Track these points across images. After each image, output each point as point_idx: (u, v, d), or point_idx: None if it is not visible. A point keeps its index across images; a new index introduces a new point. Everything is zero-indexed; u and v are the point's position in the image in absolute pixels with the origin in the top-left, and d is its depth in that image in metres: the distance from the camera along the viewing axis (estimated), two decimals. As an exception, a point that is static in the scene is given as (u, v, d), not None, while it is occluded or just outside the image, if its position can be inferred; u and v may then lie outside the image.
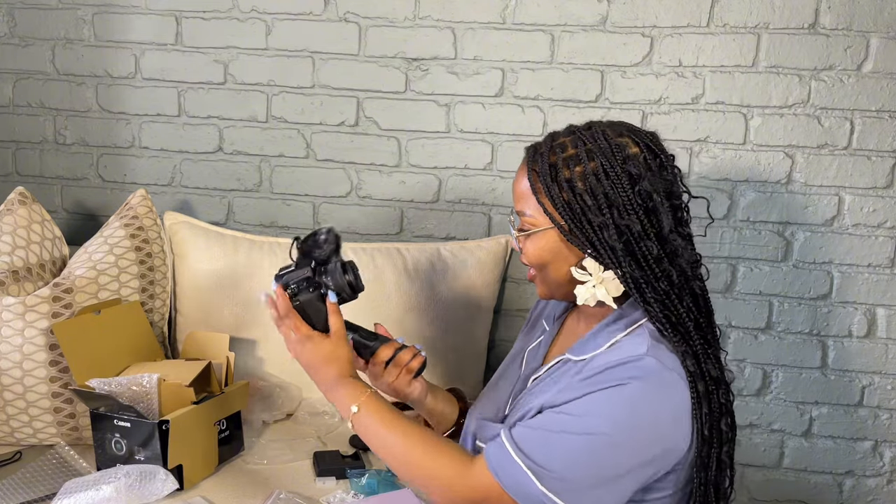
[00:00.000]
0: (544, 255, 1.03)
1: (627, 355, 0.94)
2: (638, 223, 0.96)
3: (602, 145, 0.98)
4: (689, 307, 0.98)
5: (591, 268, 1.00)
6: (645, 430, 0.92)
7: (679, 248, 0.97)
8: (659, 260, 0.96)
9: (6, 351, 1.38)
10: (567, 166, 0.98)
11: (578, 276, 1.01)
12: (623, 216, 0.96)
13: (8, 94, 1.83)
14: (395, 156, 1.76)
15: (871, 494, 1.75)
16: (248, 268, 1.65)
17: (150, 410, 1.30)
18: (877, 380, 1.71)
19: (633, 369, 0.92)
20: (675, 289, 0.97)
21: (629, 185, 0.96)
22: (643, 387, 0.92)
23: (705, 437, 0.94)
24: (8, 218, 1.50)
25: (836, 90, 1.61)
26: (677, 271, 0.97)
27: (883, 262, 1.66)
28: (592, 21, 1.65)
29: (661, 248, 0.97)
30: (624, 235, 0.96)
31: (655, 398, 0.92)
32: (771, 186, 1.66)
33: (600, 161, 0.97)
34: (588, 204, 0.96)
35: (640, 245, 0.96)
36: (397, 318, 1.62)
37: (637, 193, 0.96)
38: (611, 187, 0.96)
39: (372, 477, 1.34)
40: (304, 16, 1.72)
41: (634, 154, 0.98)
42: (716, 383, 0.96)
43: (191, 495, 1.30)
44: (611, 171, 0.96)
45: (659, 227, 0.97)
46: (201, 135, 1.81)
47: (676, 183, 1.01)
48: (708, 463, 0.95)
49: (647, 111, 1.67)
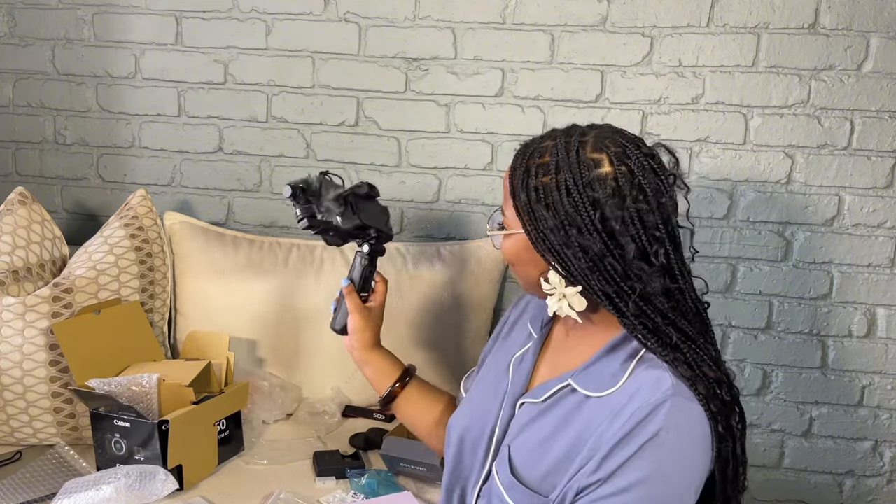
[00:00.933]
0: (514, 257, 1.01)
1: (655, 400, 0.88)
2: (599, 243, 0.90)
3: (572, 159, 0.92)
4: (668, 314, 0.93)
5: (554, 282, 0.96)
6: (693, 469, 0.90)
7: (643, 276, 0.91)
8: (625, 278, 0.92)
9: (6, 351, 1.38)
10: (536, 174, 0.94)
11: (545, 287, 0.98)
12: (584, 236, 0.91)
13: (8, 94, 1.83)
14: (395, 156, 1.76)
15: (871, 494, 1.75)
16: (248, 268, 1.65)
17: (149, 410, 1.30)
18: (877, 380, 1.71)
19: (665, 417, 0.87)
20: (647, 303, 0.92)
21: (591, 206, 0.91)
22: (679, 433, 0.88)
23: (721, 434, 0.91)
24: (8, 218, 1.50)
25: (836, 90, 1.61)
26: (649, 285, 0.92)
27: (883, 262, 1.66)
28: (592, 21, 1.65)
29: (626, 269, 0.91)
30: (588, 253, 0.91)
31: (691, 438, 0.90)
32: (771, 186, 1.66)
33: (565, 176, 0.92)
34: (548, 219, 0.92)
35: (603, 263, 0.91)
36: (397, 319, 1.62)
37: (599, 217, 0.90)
38: (571, 205, 0.91)
39: (372, 477, 1.34)
40: (304, 16, 1.72)
41: (604, 175, 0.91)
42: (717, 383, 0.93)
43: (191, 495, 1.30)
44: (573, 189, 0.91)
45: (620, 251, 0.91)
46: (201, 135, 1.81)
47: (656, 211, 0.91)
48: (726, 458, 0.93)
49: (647, 111, 1.67)
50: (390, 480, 1.36)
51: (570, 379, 0.97)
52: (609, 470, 0.88)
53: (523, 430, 0.99)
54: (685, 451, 0.89)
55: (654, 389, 0.89)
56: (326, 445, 1.50)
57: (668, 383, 0.89)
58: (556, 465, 0.93)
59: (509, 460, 0.98)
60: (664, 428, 0.87)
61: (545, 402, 0.99)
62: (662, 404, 0.88)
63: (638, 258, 0.91)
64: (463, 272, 1.66)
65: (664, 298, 0.92)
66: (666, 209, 0.93)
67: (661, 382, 0.90)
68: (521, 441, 0.99)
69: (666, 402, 0.88)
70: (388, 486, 1.34)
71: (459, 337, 1.67)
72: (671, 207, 0.94)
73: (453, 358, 1.67)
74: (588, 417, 0.93)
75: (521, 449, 0.98)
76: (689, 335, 0.93)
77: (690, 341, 0.93)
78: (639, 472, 0.87)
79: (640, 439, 0.87)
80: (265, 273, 1.64)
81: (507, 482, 0.96)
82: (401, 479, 1.38)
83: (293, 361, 1.65)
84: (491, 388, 1.09)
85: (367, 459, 1.46)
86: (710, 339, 0.97)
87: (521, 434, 0.99)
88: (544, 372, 1.05)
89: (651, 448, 0.87)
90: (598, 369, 0.96)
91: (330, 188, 1.25)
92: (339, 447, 1.48)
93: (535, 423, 0.98)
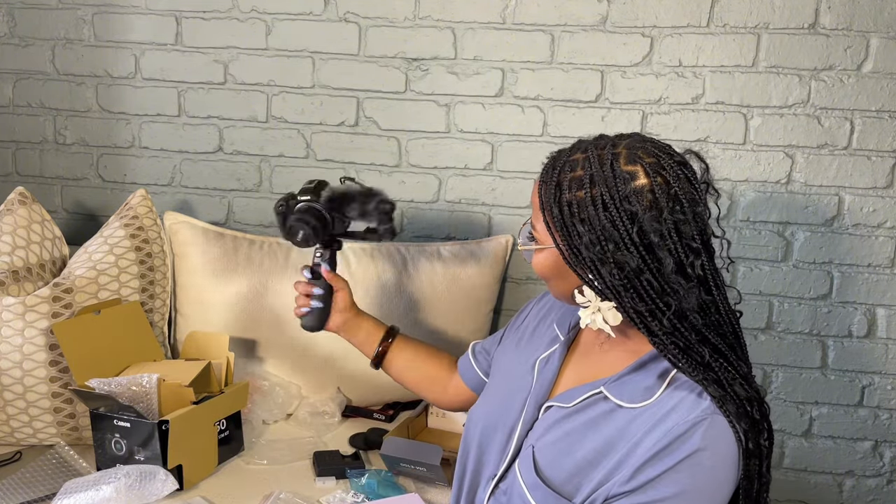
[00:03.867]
0: (546, 272, 1.00)
1: (695, 417, 0.88)
2: (637, 259, 0.89)
3: (607, 173, 0.91)
4: (701, 330, 0.91)
5: (589, 296, 0.95)
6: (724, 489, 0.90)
7: (680, 291, 0.90)
8: (661, 294, 0.90)
9: (6, 351, 1.38)
10: (570, 189, 0.93)
11: (579, 300, 0.97)
12: (621, 251, 0.89)
13: (8, 94, 1.83)
14: (395, 156, 1.76)
15: (871, 494, 1.75)
16: (248, 268, 1.65)
17: (149, 410, 1.30)
18: (877, 380, 1.71)
19: (704, 435, 0.87)
20: (682, 321, 0.91)
21: (629, 220, 0.89)
22: (715, 453, 0.88)
23: (749, 451, 0.90)
24: (8, 218, 1.50)
25: (836, 90, 1.61)
26: (684, 303, 0.90)
27: (883, 262, 1.66)
28: (592, 21, 1.65)
29: (662, 285, 0.90)
30: (624, 270, 0.90)
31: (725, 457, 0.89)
32: (771, 186, 1.66)
33: (601, 190, 0.90)
34: (583, 234, 0.90)
35: (640, 279, 0.89)
36: (397, 318, 1.62)
37: (637, 232, 0.89)
38: (608, 220, 0.89)
39: (372, 477, 1.34)
40: (304, 16, 1.72)
41: (640, 187, 0.90)
42: (748, 401, 0.91)
43: (191, 495, 1.30)
44: (610, 204, 0.89)
45: (658, 265, 0.90)
46: (201, 135, 1.81)
47: (692, 222, 0.90)
48: (752, 477, 0.92)
49: (647, 111, 1.67)
50: (390, 480, 1.35)
51: (603, 387, 0.96)
52: (643, 481, 0.88)
53: (548, 431, 0.99)
54: (720, 470, 0.89)
55: (694, 406, 0.89)
56: (326, 445, 1.50)
57: (708, 401, 0.89)
58: (580, 468, 0.93)
59: (534, 461, 0.98)
60: (702, 448, 0.87)
61: (574, 407, 0.98)
62: (702, 422, 0.87)
63: (675, 272, 0.90)
64: (463, 272, 1.66)
65: (698, 314, 0.91)
66: (702, 219, 0.92)
67: (701, 399, 0.89)
68: (545, 442, 0.98)
69: (705, 421, 0.88)
70: (388, 486, 1.33)
71: (459, 337, 1.67)
72: (706, 216, 0.93)
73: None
74: (619, 426, 0.93)
75: (546, 450, 0.98)
76: (722, 351, 0.92)
77: (722, 358, 0.92)
78: (674, 486, 0.87)
79: (678, 455, 0.87)
80: (265, 273, 1.64)
81: (531, 482, 0.96)
82: (401, 479, 1.38)
83: (293, 361, 1.65)
84: (515, 386, 1.09)
85: (367, 459, 1.46)
86: (742, 353, 0.96)
87: (546, 435, 0.99)
88: (571, 376, 1.04)
89: (688, 465, 0.87)
90: (632, 380, 0.95)
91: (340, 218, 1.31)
92: (339, 447, 1.48)
93: (561, 426, 0.98)
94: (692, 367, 0.90)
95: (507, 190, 1.75)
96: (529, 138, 1.71)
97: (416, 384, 1.36)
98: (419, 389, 1.37)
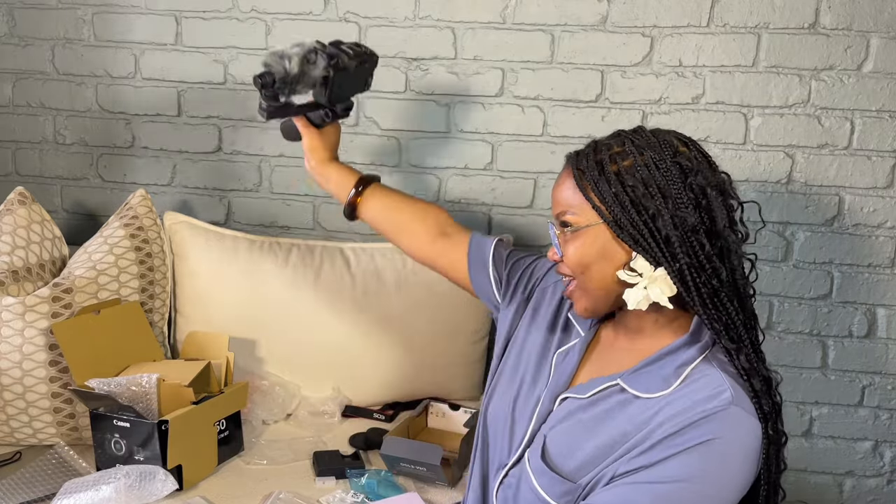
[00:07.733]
0: (587, 257, 0.97)
1: (713, 407, 0.89)
2: (693, 215, 0.92)
3: (651, 141, 0.96)
4: (737, 307, 0.94)
5: (640, 267, 0.95)
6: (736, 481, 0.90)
7: (732, 245, 0.93)
8: (710, 257, 0.92)
9: (6, 351, 1.38)
10: (614, 161, 0.95)
11: (627, 277, 0.95)
12: (678, 207, 0.92)
13: (8, 94, 1.83)
14: (395, 156, 1.76)
15: (871, 494, 1.75)
16: (247, 268, 1.65)
17: (149, 410, 1.30)
18: (877, 380, 1.71)
19: (721, 425, 0.88)
20: (724, 287, 0.93)
21: (681, 177, 0.93)
22: (730, 445, 0.89)
23: (771, 436, 0.91)
24: (8, 218, 1.50)
25: (836, 90, 1.61)
26: (727, 269, 0.93)
27: (883, 262, 1.66)
28: (592, 21, 1.64)
29: (713, 245, 0.93)
30: (678, 227, 0.92)
31: (740, 449, 0.89)
32: (771, 186, 1.66)
33: (650, 155, 0.94)
34: (640, 193, 0.93)
35: (693, 239, 0.92)
36: (397, 318, 1.62)
37: (689, 186, 0.92)
38: (662, 178, 0.93)
39: (372, 477, 1.34)
40: (304, 16, 1.72)
41: (684, 151, 0.96)
42: (766, 382, 0.93)
43: (190, 495, 1.30)
44: (661, 164, 0.93)
45: (712, 222, 0.93)
46: (201, 135, 1.81)
47: (728, 184, 0.98)
48: (770, 463, 0.92)
49: (647, 111, 1.67)
50: (390, 480, 1.35)
51: (620, 379, 0.97)
52: (653, 458, 0.89)
53: (562, 421, 1.00)
54: (732, 462, 0.89)
55: (713, 396, 0.90)
56: (326, 445, 1.50)
57: (728, 393, 0.90)
58: (591, 458, 0.94)
59: (543, 448, 0.98)
60: (718, 437, 0.87)
61: (589, 398, 0.99)
62: (720, 412, 0.88)
63: (726, 226, 0.93)
64: (463, 272, 1.66)
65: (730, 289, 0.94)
66: (729, 183, 0.98)
67: (720, 390, 0.90)
68: (558, 431, 0.99)
69: (724, 411, 0.88)
70: (388, 486, 1.33)
71: (459, 337, 1.67)
72: (730, 182, 0.98)
73: (453, 358, 1.67)
74: (634, 415, 0.93)
75: (557, 439, 0.99)
76: (749, 328, 0.95)
77: (753, 332, 0.95)
78: (684, 468, 0.88)
79: (692, 439, 0.88)
80: (265, 273, 1.64)
81: (537, 468, 0.97)
82: (401, 478, 1.38)
83: (293, 361, 1.65)
84: (531, 378, 1.09)
85: (367, 459, 1.46)
86: (758, 339, 0.98)
87: (559, 425, 1.00)
88: (589, 370, 1.05)
89: (701, 450, 0.87)
90: (649, 372, 0.96)
91: (311, 67, 1.25)
92: (339, 447, 1.48)
93: (575, 416, 0.99)
94: (727, 335, 0.92)
95: (507, 190, 1.74)
96: (529, 138, 1.71)
97: (390, 235, 1.34)
98: (395, 242, 1.35)
